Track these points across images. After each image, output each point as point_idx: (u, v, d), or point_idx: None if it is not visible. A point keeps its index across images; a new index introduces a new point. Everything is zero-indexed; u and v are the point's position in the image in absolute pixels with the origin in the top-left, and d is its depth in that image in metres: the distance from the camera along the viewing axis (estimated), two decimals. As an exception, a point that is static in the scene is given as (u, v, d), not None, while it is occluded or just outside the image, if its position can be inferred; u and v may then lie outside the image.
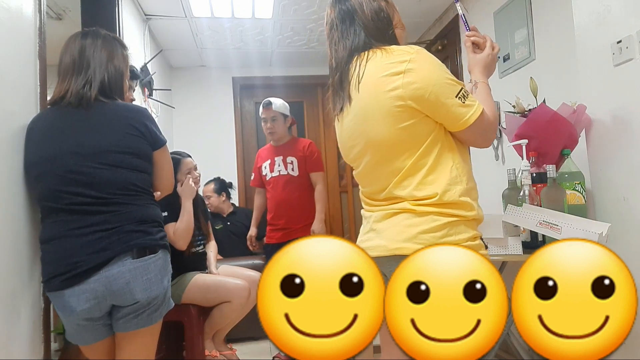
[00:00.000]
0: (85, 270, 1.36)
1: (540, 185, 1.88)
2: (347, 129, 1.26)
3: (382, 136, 1.17)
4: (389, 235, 1.17)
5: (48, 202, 1.42)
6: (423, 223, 1.13)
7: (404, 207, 1.16)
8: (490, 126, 1.20)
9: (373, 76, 1.17)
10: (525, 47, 2.54)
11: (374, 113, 1.17)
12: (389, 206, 1.20)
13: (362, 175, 1.29)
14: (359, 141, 1.23)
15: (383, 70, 1.15)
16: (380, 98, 1.15)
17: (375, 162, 1.22)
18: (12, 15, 1.47)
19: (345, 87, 1.23)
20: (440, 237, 1.11)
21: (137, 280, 1.39)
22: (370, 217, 1.25)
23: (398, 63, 1.14)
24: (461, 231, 1.14)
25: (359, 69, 1.20)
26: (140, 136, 1.48)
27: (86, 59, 1.49)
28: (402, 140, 1.16)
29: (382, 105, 1.15)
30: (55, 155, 1.41)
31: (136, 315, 1.42)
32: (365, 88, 1.18)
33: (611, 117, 1.71)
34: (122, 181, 1.43)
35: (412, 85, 1.12)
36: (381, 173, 1.21)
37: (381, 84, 1.15)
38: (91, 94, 1.46)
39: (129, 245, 1.40)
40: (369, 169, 1.25)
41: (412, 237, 1.13)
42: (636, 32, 1.55)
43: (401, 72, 1.13)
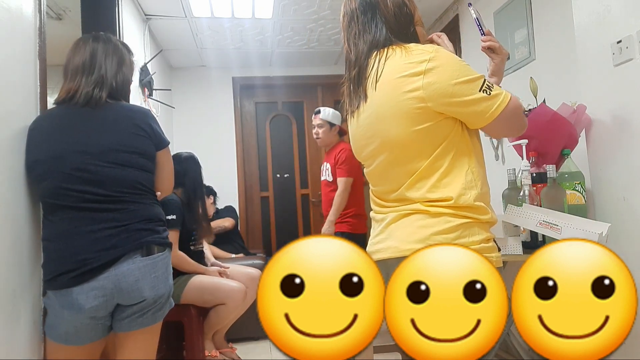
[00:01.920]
0: (95, 268, 1.36)
1: (540, 185, 1.88)
2: (362, 127, 1.23)
3: (398, 137, 1.14)
4: (400, 236, 1.14)
5: (53, 199, 1.42)
6: (436, 224, 1.10)
7: (417, 208, 1.13)
8: (517, 111, 1.16)
9: (392, 76, 1.14)
10: (525, 47, 2.54)
11: (392, 113, 1.14)
12: (400, 207, 1.17)
13: (374, 174, 1.27)
14: (373, 140, 1.20)
15: (402, 70, 1.12)
16: (399, 99, 1.12)
17: (389, 162, 1.19)
18: (12, 15, 1.47)
19: (363, 84, 1.20)
20: (454, 239, 1.09)
21: (146, 278, 1.41)
22: (382, 219, 1.22)
23: (417, 63, 1.11)
24: (474, 233, 1.11)
25: (378, 66, 1.16)
26: (145, 136, 1.50)
27: (97, 62, 1.51)
28: (419, 141, 1.14)
29: (400, 106, 1.12)
30: (62, 153, 1.42)
31: (142, 314, 1.43)
32: (383, 87, 1.15)
33: (611, 117, 1.71)
34: (130, 180, 1.44)
35: (433, 86, 1.09)
36: (394, 173, 1.19)
37: (400, 85, 1.12)
38: (101, 95, 1.48)
39: (139, 242, 1.42)
40: (382, 169, 1.22)
41: (425, 238, 1.10)
42: (636, 32, 1.55)
43: (421, 72, 1.10)
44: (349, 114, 1.27)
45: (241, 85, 4.61)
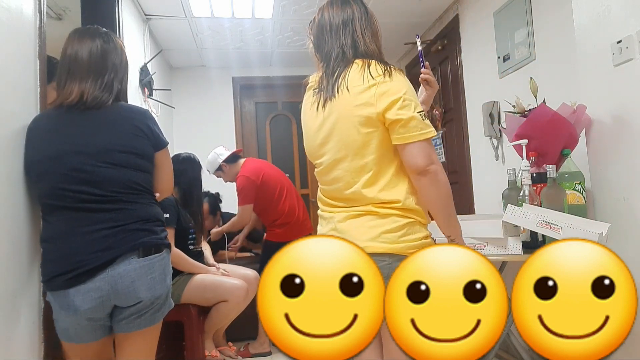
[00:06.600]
0: (90, 269, 1.36)
1: (540, 185, 1.88)
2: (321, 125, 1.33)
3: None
4: (354, 235, 1.23)
5: (50, 200, 1.41)
6: (385, 224, 1.23)
7: (368, 209, 1.25)
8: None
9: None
10: (525, 47, 2.54)
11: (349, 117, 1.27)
12: (353, 208, 1.28)
13: (325, 172, 1.34)
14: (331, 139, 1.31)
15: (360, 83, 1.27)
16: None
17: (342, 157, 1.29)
18: (12, 15, 1.47)
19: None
20: (400, 236, 1.23)
21: (142, 279, 1.39)
22: (332, 218, 1.32)
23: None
24: (417, 231, 1.26)
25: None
26: (143, 137, 1.49)
27: (107, 65, 1.50)
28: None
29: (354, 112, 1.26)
30: (59, 153, 1.41)
31: (139, 316, 1.42)
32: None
33: (611, 117, 1.71)
34: (126, 180, 1.43)
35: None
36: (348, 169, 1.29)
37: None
38: (109, 99, 1.47)
39: (136, 244, 1.40)
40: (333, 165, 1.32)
41: (375, 236, 1.22)
42: (636, 32, 1.55)
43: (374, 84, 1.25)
44: (313, 108, 1.36)
45: (241, 85, 4.61)
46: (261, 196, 3.11)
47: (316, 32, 1.40)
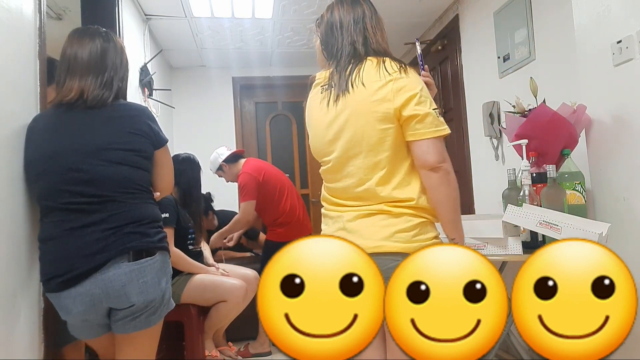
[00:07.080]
0: (81, 273, 1.35)
1: (540, 185, 1.88)
2: (333, 120, 1.31)
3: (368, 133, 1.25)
4: (365, 234, 1.23)
5: (47, 201, 1.41)
6: (399, 223, 1.22)
7: (380, 208, 1.24)
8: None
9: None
10: (525, 47, 2.54)
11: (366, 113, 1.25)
12: (363, 207, 1.26)
13: (335, 169, 1.32)
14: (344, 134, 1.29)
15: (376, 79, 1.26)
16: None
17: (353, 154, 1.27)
18: (12, 15, 1.47)
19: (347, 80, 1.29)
20: (414, 236, 1.22)
21: (133, 283, 1.38)
22: (340, 217, 1.30)
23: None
24: (429, 230, 1.25)
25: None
26: (142, 135, 1.48)
27: (107, 63, 1.50)
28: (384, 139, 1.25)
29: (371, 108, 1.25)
30: (57, 152, 1.40)
31: (133, 318, 1.42)
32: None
33: (611, 117, 1.71)
34: (122, 179, 1.42)
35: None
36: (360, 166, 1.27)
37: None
38: (109, 96, 1.47)
39: (126, 247, 1.38)
40: (344, 161, 1.29)
41: (389, 235, 1.21)
42: (636, 32, 1.55)
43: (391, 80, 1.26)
44: (322, 102, 1.34)
45: (241, 85, 4.61)
46: (262, 194, 3.11)
47: (325, 29, 1.39)
